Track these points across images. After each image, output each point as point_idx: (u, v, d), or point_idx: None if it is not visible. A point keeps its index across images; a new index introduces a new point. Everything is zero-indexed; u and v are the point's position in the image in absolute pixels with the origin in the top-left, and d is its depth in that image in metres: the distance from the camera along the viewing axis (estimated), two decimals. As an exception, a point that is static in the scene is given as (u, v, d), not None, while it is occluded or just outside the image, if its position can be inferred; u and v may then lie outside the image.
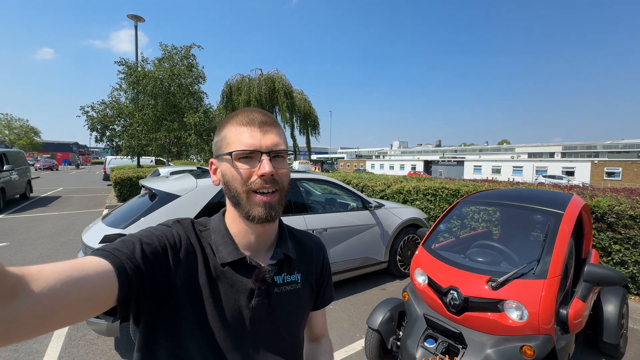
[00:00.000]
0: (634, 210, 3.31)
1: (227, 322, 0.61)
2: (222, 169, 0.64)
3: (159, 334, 0.57)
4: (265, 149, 0.61)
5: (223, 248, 0.63)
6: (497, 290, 1.84)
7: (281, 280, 0.68)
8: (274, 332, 0.67)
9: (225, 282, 0.62)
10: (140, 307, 0.54)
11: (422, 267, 2.32)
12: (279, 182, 0.62)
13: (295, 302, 0.70)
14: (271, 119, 0.64)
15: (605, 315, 2.49)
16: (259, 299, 0.64)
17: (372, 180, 7.29)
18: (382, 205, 4.15)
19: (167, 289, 0.56)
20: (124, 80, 12.09)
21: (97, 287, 0.44)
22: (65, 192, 13.82)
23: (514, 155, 50.38)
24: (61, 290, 0.39)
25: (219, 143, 0.64)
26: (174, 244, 0.60)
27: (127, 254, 0.51)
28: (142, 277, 0.52)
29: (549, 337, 1.73)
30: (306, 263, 0.75)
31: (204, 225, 0.68)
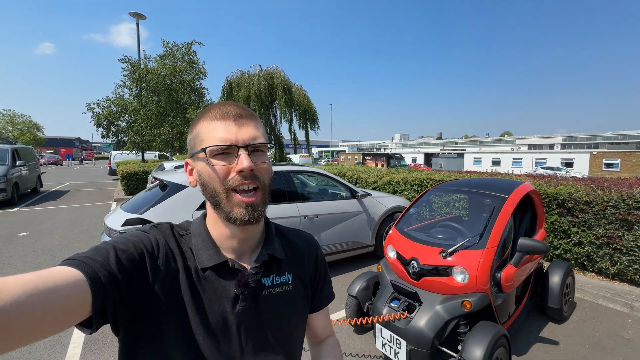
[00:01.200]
0: (589, 197, 3.73)
1: (211, 329, 0.58)
2: (198, 168, 0.60)
3: (141, 342, 0.55)
4: (242, 142, 0.57)
5: (203, 252, 0.61)
6: (447, 259, 2.29)
7: (270, 282, 0.66)
8: (265, 337, 0.64)
9: (207, 287, 0.60)
10: (118, 316, 0.51)
11: (392, 244, 2.76)
12: (260, 178, 0.59)
13: (286, 304, 0.68)
14: (247, 112, 0.61)
15: (550, 285, 2.94)
16: (244, 303, 0.61)
17: (365, 172, 7.71)
18: (369, 195, 4.59)
19: (145, 296, 0.54)
20: (128, 78, 12.47)
21: (67, 298, 0.42)
22: (73, 186, 14.34)
23: (514, 147, 50.55)
24: (27, 303, 0.38)
25: (193, 141, 0.61)
26: (152, 249, 0.58)
27: (100, 262, 0.49)
28: (118, 284, 0.50)
29: (485, 294, 2.18)
30: (297, 262, 0.72)
31: (185, 229, 0.66)
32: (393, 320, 2.28)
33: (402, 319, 2.28)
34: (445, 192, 3.54)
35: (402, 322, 2.25)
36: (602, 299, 3.43)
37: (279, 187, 3.90)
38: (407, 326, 2.20)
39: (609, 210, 3.59)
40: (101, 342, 2.73)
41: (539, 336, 2.81)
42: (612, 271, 3.68)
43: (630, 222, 3.47)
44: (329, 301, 0.80)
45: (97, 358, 2.54)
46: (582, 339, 2.79)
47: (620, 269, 3.60)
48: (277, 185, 3.91)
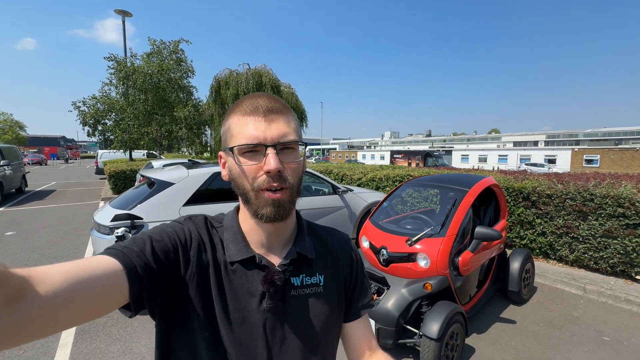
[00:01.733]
0: (550, 190, 4.05)
1: (235, 324, 0.58)
2: (229, 163, 0.60)
3: (173, 330, 0.57)
4: (271, 141, 0.55)
5: (233, 246, 0.61)
6: (412, 247, 2.53)
7: (299, 282, 0.63)
8: (290, 339, 0.61)
9: (235, 281, 0.59)
10: (154, 303, 0.53)
11: (366, 235, 2.99)
12: (287, 179, 0.56)
13: (316, 307, 0.64)
14: (279, 105, 0.58)
15: (510, 270, 3.23)
16: (271, 301, 0.59)
17: (351, 169, 7.96)
18: (350, 190, 4.82)
19: (178, 286, 0.56)
20: (114, 76, 12.38)
21: (105, 287, 0.44)
22: (59, 185, 14.17)
23: (500, 144, 51.78)
24: (69, 290, 0.40)
25: (225, 134, 0.60)
26: (185, 240, 0.58)
27: (136, 252, 0.51)
28: (153, 274, 0.51)
29: (444, 277, 2.43)
30: (331, 263, 0.69)
31: (219, 221, 0.66)
32: (364, 302, 2.52)
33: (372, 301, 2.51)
34: (416, 186, 3.80)
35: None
36: (560, 284, 3.75)
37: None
38: (376, 307, 2.43)
39: (567, 203, 3.92)
40: (92, 331, 2.89)
41: (499, 316, 3.10)
42: (571, 258, 4.02)
43: (585, 213, 3.80)
44: (368, 308, 0.72)
45: (89, 346, 2.70)
46: (537, 318, 3.09)
47: (578, 256, 3.94)
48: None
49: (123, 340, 2.74)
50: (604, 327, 2.93)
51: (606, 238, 3.66)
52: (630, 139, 45.93)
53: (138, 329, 2.89)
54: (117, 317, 3.05)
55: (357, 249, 0.77)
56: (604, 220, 3.65)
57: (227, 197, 3.78)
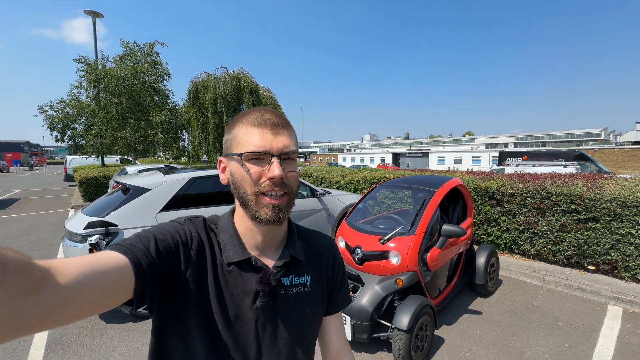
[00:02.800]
0: (513, 189, 4.37)
1: (231, 322, 0.62)
2: (231, 168, 0.64)
3: (170, 326, 0.60)
4: (276, 151, 0.61)
5: (230, 247, 0.64)
6: (384, 245, 2.68)
7: (289, 282, 0.68)
8: (280, 335, 0.66)
9: (231, 281, 0.63)
10: (154, 300, 0.56)
11: (342, 236, 3.12)
12: (288, 185, 0.62)
13: (303, 304, 0.69)
14: (283, 121, 0.64)
15: (477, 265, 3.45)
16: (263, 300, 0.64)
17: (330, 172, 8.10)
18: (328, 193, 4.95)
19: (178, 285, 0.58)
20: (84, 79, 11.89)
21: (116, 281, 0.47)
22: (23, 194, 13.38)
23: (473, 146, 54.09)
24: (84, 282, 0.42)
25: (230, 142, 0.64)
26: (186, 241, 0.61)
27: (142, 250, 0.53)
28: (156, 271, 0.54)
29: (414, 273, 2.59)
30: (316, 264, 0.74)
31: (215, 223, 0.68)
32: (340, 300, 2.63)
33: (348, 298, 2.63)
34: (389, 188, 3.98)
35: (347, 301, 2.60)
36: (522, 276, 4.04)
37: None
38: (352, 304, 2.55)
39: (528, 200, 4.23)
40: (65, 342, 2.81)
41: (467, 308, 3.31)
42: (532, 252, 4.33)
43: (543, 210, 4.13)
44: (345, 305, 0.80)
45: (61, 358, 2.63)
46: (500, 308, 3.32)
47: (538, 249, 4.26)
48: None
49: (98, 350, 2.69)
50: (559, 314, 3.20)
51: (562, 232, 4.00)
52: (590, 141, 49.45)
53: (114, 338, 2.84)
54: (91, 327, 2.99)
55: (338, 250, 0.82)
56: (560, 216, 3.98)
57: (205, 201, 3.79)
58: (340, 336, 0.79)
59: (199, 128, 14.34)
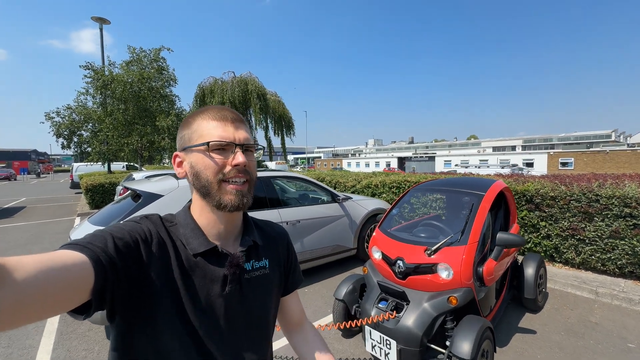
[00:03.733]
0: (554, 192, 4.00)
1: (203, 311, 0.63)
2: (192, 160, 0.66)
3: (136, 327, 0.58)
4: (239, 141, 0.65)
5: (193, 239, 0.65)
6: (432, 257, 2.33)
7: (250, 266, 0.72)
8: (246, 317, 0.70)
9: (198, 272, 0.64)
10: (115, 300, 0.54)
11: (377, 246, 2.78)
12: (250, 172, 0.67)
13: (264, 286, 0.74)
14: (241, 117, 0.69)
15: (525, 277, 3.08)
16: (231, 285, 0.66)
17: (344, 177, 7.78)
18: (349, 198, 4.61)
19: (141, 283, 0.57)
20: (91, 85, 11.78)
21: (75, 278, 0.45)
22: (29, 202, 13.22)
23: (480, 150, 53.46)
24: (42, 279, 0.40)
25: (188, 136, 0.66)
26: (145, 238, 0.61)
27: (100, 247, 0.52)
28: (116, 270, 0.53)
29: (469, 289, 2.24)
30: (272, 249, 0.79)
31: (170, 220, 0.69)
32: (382, 321, 2.28)
33: (391, 319, 2.28)
34: (424, 192, 3.64)
35: (391, 322, 2.25)
36: (571, 287, 3.65)
37: (260, 194, 3.81)
38: (396, 326, 2.20)
39: (572, 204, 3.86)
40: None
41: (517, 326, 2.93)
42: (577, 261, 3.95)
43: (591, 214, 3.75)
44: (300, 283, 0.89)
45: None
46: (556, 326, 2.94)
47: (584, 258, 3.87)
48: (258, 192, 3.82)
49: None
50: (626, 333, 2.81)
51: (613, 239, 3.61)
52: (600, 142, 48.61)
53: None
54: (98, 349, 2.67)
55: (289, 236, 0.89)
56: (611, 221, 3.60)
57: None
58: (299, 309, 0.88)
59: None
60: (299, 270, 0.89)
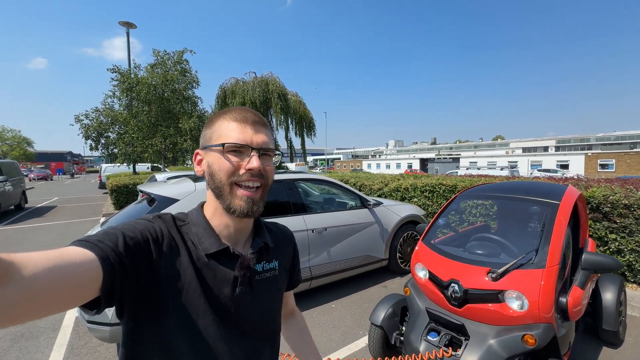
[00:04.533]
0: (628, 199, 3.37)
1: (213, 312, 0.62)
2: (209, 159, 0.65)
3: (145, 325, 0.58)
4: (256, 145, 0.64)
5: (206, 240, 0.65)
6: (497, 281, 1.87)
7: (261, 268, 0.72)
8: (257, 317, 0.70)
9: (209, 272, 0.64)
10: (124, 298, 0.54)
11: (422, 262, 2.34)
12: (265, 177, 0.66)
13: (274, 287, 0.75)
14: (263, 120, 0.68)
15: (604, 303, 2.53)
16: (242, 287, 0.66)
17: (369, 179, 7.32)
18: (380, 203, 4.17)
19: (151, 281, 0.57)
20: (117, 88, 12.03)
21: (82, 276, 0.45)
22: (60, 201, 13.71)
23: (508, 151, 50.80)
24: (49, 276, 0.40)
25: (209, 135, 0.66)
26: (157, 237, 0.60)
27: (110, 246, 0.51)
28: (126, 269, 0.52)
29: (550, 325, 1.76)
30: (281, 251, 0.80)
31: (182, 219, 0.69)
32: (435, 359, 1.85)
33: (446, 357, 1.84)
34: (477, 198, 3.14)
35: (448, 363, 1.81)
36: (654, 315, 3.02)
37: (283, 198, 3.47)
38: None
39: (653, 214, 3.22)
40: None
41: (597, 366, 2.39)
42: (658, 282, 3.30)
43: (678, 227, 3.10)
44: (298, 283, 0.90)
45: None
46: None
47: (668, 279, 3.22)
48: (281, 196, 3.48)
49: None
50: None
51: None
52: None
53: None
54: None
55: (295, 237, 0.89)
56: None
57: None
58: (292, 300, 0.95)
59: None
60: (300, 271, 0.91)
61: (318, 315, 3.30)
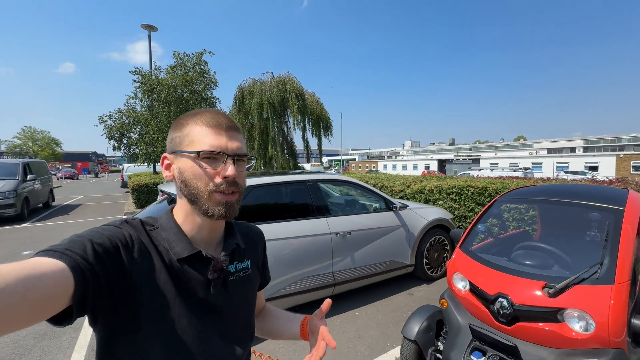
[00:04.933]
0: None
1: (188, 315, 0.62)
2: (181, 165, 0.64)
3: (119, 333, 0.57)
4: (231, 152, 0.64)
5: (177, 244, 0.64)
6: (555, 298, 1.64)
7: (234, 268, 0.72)
8: (233, 318, 0.70)
9: (182, 277, 0.63)
10: (96, 307, 0.52)
11: (462, 272, 2.13)
12: (239, 185, 0.66)
13: (247, 286, 0.75)
14: (236, 125, 0.67)
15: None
16: (215, 289, 0.66)
17: (390, 180, 7.09)
18: (406, 206, 3.96)
19: (124, 288, 0.56)
20: (139, 89, 12.31)
21: (54, 287, 0.44)
22: (85, 200, 14.18)
23: (532, 152, 48.78)
24: (20, 288, 0.39)
25: (179, 139, 0.64)
26: (126, 243, 0.59)
27: (79, 254, 0.50)
28: (97, 276, 0.51)
29: (621, 351, 1.52)
30: (252, 250, 0.80)
31: (151, 224, 0.67)
32: (482, 384, 1.64)
33: (495, 382, 1.63)
34: (519, 202, 2.88)
35: (498, 389, 1.60)
36: None
37: (305, 199, 3.33)
38: None
39: None
40: None
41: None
42: None
43: None
44: (268, 281, 0.90)
45: None
46: None
47: None
48: (303, 197, 3.34)
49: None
50: None
51: None
52: (682, 143, 41.90)
53: None
54: None
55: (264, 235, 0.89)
56: None
57: (269, 215, 3.05)
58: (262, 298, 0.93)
59: (245, 135, 14.14)
60: (268, 269, 0.91)
61: (341, 323, 3.14)
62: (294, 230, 3.04)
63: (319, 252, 3.16)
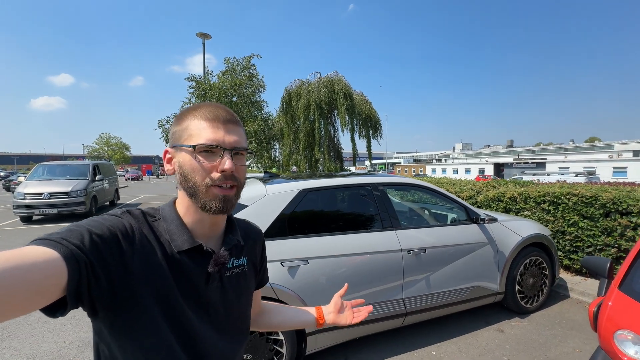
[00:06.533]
0: None
1: (187, 308, 0.62)
2: (180, 159, 0.64)
3: (117, 324, 0.56)
4: (228, 145, 0.63)
5: (178, 237, 0.63)
6: None
7: (230, 264, 0.71)
8: (227, 313, 0.70)
9: (182, 269, 0.63)
10: (94, 298, 0.51)
11: (633, 329, 1.36)
12: (237, 178, 0.64)
13: (242, 283, 0.74)
14: (235, 118, 0.66)
15: None
16: (214, 283, 0.66)
17: (454, 185, 6.17)
18: (495, 219, 3.13)
19: (123, 279, 0.55)
20: (193, 94, 12.84)
21: (45, 277, 0.43)
22: (146, 199, 15.22)
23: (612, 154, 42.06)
24: (9, 278, 0.39)
25: (179, 133, 0.64)
26: (126, 233, 0.58)
27: (75, 243, 0.49)
28: (93, 267, 0.50)
29: None
30: (250, 248, 0.79)
31: (153, 215, 0.66)
32: None
33: None
34: None
35: None
36: None
37: (367, 208, 2.74)
38: None
39: None
40: None
41: None
42: None
43: None
44: (266, 282, 0.90)
45: None
46: None
47: None
48: (365, 205, 2.75)
49: None
50: None
51: None
52: None
53: None
54: None
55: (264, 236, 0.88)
56: None
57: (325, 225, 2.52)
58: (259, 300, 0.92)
59: (291, 137, 14.00)
60: (267, 270, 0.90)
61: (416, 366, 2.47)
62: (356, 246, 2.46)
63: (386, 274, 2.54)
